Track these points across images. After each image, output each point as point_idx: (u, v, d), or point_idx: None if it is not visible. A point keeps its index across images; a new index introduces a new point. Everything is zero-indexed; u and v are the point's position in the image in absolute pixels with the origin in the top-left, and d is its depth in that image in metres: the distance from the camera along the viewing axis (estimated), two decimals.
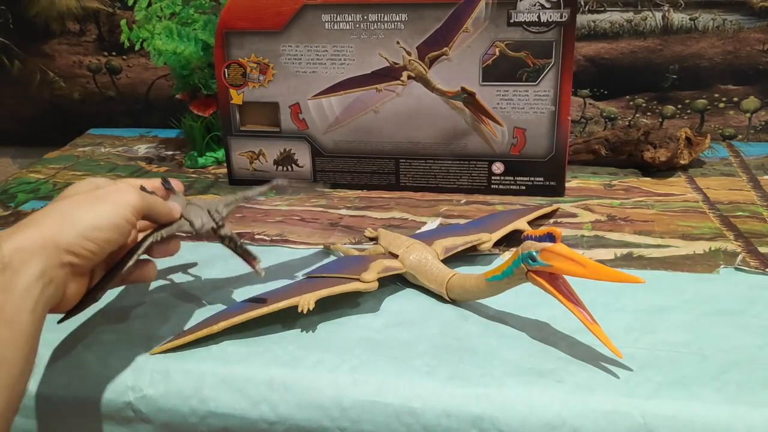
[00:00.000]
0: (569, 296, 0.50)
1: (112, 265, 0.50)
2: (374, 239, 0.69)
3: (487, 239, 0.65)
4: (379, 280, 0.58)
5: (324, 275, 0.60)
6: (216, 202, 0.55)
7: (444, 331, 0.55)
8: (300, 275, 0.63)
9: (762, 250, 0.66)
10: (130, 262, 0.48)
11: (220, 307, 0.58)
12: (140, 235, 0.53)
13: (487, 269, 0.54)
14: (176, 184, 0.57)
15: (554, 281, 0.50)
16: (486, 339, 0.53)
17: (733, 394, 0.47)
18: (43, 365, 0.53)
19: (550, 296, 0.50)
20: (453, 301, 0.59)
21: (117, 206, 0.47)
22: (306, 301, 0.54)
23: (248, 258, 0.55)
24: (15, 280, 0.41)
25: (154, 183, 0.55)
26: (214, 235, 0.54)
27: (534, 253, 0.49)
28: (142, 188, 0.52)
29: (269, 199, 0.83)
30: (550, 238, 0.49)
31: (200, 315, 0.58)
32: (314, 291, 0.55)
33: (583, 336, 0.52)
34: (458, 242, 0.64)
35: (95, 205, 0.46)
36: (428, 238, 0.65)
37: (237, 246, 0.54)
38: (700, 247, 0.67)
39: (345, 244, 0.70)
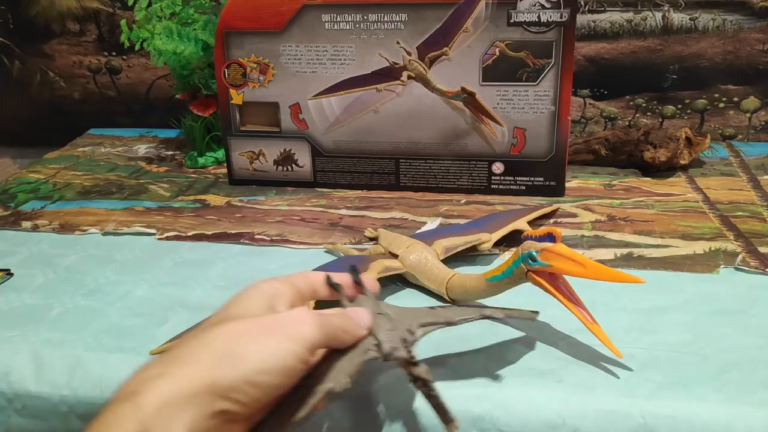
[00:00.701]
0: (569, 296, 0.50)
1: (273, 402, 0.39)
2: (374, 239, 0.69)
3: (487, 239, 0.65)
4: (379, 280, 0.58)
5: None
6: (410, 316, 0.45)
7: (444, 331, 0.55)
8: None
9: (762, 250, 0.66)
10: (302, 413, 0.38)
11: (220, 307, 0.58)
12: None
13: (487, 269, 0.54)
14: (371, 283, 0.47)
15: (554, 281, 0.50)
16: (486, 339, 0.53)
17: (733, 394, 0.47)
18: (43, 365, 0.53)
19: (550, 296, 0.50)
20: (453, 301, 0.59)
21: (290, 341, 0.37)
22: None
23: (442, 415, 0.42)
24: None
25: (342, 276, 0.45)
26: (402, 368, 0.42)
27: (534, 253, 0.49)
28: (328, 280, 0.45)
29: (269, 199, 0.83)
30: (550, 238, 0.49)
31: (200, 315, 0.58)
32: None
33: (583, 336, 0.52)
34: (458, 242, 0.64)
35: (264, 339, 0.37)
36: (428, 238, 0.65)
37: (431, 395, 0.42)
38: (700, 247, 0.67)
39: (345, 244, 0.70)
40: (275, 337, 0.37)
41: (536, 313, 0.51)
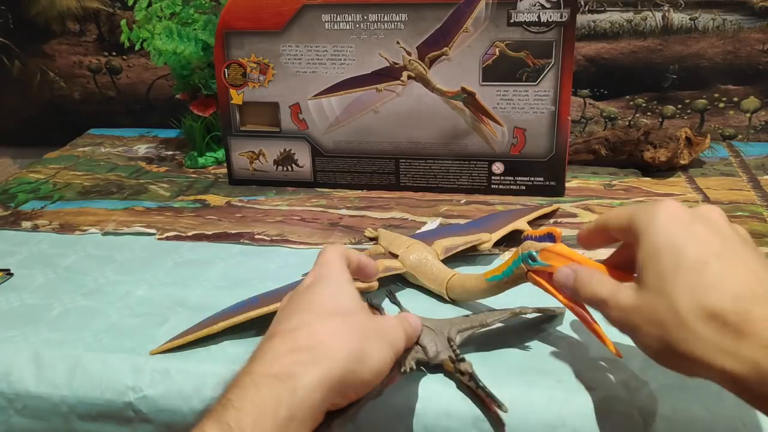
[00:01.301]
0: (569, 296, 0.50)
1: None
2: (374, 239, 0.69)
3: (487, 239, 0.65)
4: (380, 279, 0.58)
5: None
6: (447, 325, 0.50)
7: None
8: (300, 275, 0.63)
9: (762, 250, 0.66)
10: (378, 394, 0.42)
11: (220, 307, 0.58)
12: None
13: (487, 269, 0.54)
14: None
15: (554, 281, 0.50)
16: (486, 339, 0.53)
17: (732, 394, 0.46)
18: (43, 365, 0.53)
19: (550, 296, 0.50)
20: (453, 301, 0.59)
21: (391, 349, 0.41)
22: None
23: (491, 401, 0.46)
24: None
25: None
26: (448, 367, 0.48)
27: (534, 253, 0.49)
28: (369, 302, 0.50)
29: (269, 199, 0.83)
30: (550, 238, 0.48)
31: (200, 315, 0.58)
32: None
33: (583, 336, 0.52)
34: (458, 242, 0.64)
35: (379, 344, 0.40)
36: (428, 238, 0.65)
37: (478, 386, 0.46)
38: None
39: (345, 243, 0.70)
40: (385, 343, 0.41)
41: (563, 309, 0.54)
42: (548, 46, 0.74)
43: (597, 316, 0.50)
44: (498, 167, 0.80)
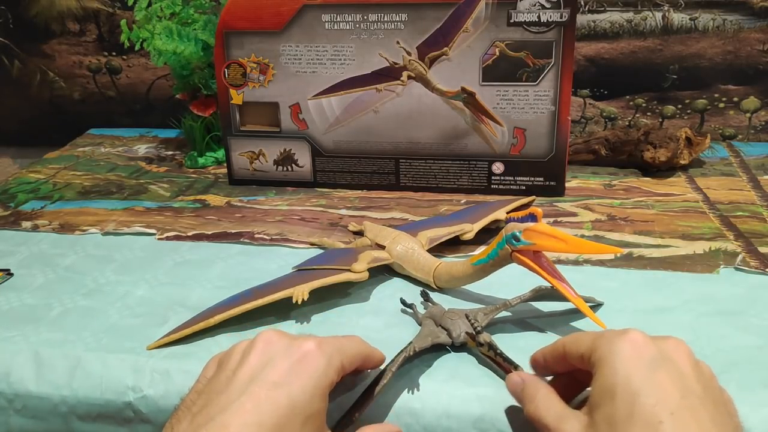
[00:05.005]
0: (553, 273, 0.51)
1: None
2: (358, 233, 0.71)
3: (469, 229, 0.66)
4: (368, 270, 0.58)
5: (314, 267, 0.61)
6: (475, 310, 0.53)
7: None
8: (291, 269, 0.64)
9: (762, 250, 0.66)
10: (384, 381, 0.46)
11: None
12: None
13: (472, 255, 0.56)
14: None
15: (538, 260, 0.51)
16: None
17: (733, 394, 0.46)
18: (43, 365, 0.53)
19: (538, 281, 0.51)
20: (440, 290, 0.60)
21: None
22: (300, 292, 0.55)
23: (509, 367, 0.48)
24: None
25: None
26: (471, 341, 0.51)
27: (518, 233, 0.50)
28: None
29: (269, 198, 0.83)
30: (532, 218, 0.50)
31: None
32: (307, 282, 0.56)
33: None
34: (442, 233, 0.66)
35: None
36: (413, 229, 0.67)
37: (497, 354, 0.48)
38: (700, 247, 0.67)
39: (345, 243, 0.71)
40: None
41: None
42: (548, 46, 0.74)
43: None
44: (498, 167, 0.80)
